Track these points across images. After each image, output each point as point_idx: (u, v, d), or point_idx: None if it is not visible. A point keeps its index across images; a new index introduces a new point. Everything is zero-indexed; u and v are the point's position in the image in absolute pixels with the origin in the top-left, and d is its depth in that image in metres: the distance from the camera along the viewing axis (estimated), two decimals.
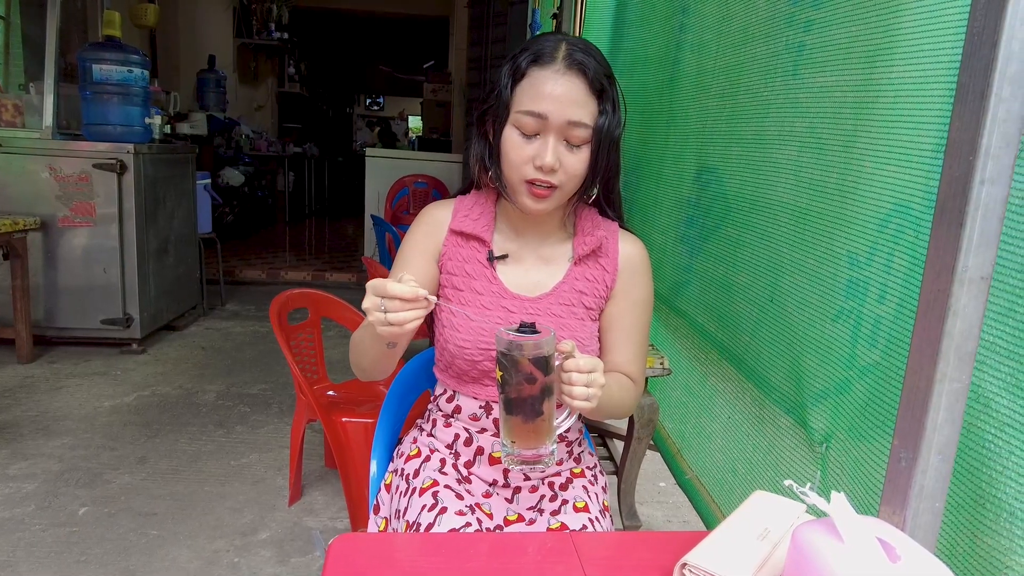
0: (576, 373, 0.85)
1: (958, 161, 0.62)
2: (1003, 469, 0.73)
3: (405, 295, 0.80)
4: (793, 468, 1.18)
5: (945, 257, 0.63)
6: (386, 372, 1.04)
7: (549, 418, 0.84)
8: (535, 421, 0.83)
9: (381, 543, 0.84)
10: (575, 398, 0.85)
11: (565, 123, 0.94)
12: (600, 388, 0.86)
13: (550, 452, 0.86)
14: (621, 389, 1.03)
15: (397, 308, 0.81)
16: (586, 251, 1.07)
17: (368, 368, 1.02)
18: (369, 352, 0.98)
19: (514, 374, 0.81)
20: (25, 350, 3.12)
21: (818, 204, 1.10)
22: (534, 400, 0.82)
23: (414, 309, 0.81)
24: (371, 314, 0.82)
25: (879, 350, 0.94)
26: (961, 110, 0.62)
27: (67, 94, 3.41)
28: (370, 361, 1.00)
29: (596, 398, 0.86)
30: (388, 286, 0.80)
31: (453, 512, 1.00)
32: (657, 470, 2.35)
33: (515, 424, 0.84)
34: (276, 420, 2.69)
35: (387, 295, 0.80)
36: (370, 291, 0.82)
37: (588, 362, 0.85)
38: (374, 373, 1.03)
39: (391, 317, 0.81)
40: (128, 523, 1.92)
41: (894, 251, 0.91)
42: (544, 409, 0.83)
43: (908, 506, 0.66)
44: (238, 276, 5.16)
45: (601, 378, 0.86)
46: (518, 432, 0.84)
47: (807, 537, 0.63)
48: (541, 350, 0.81)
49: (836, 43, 1.08)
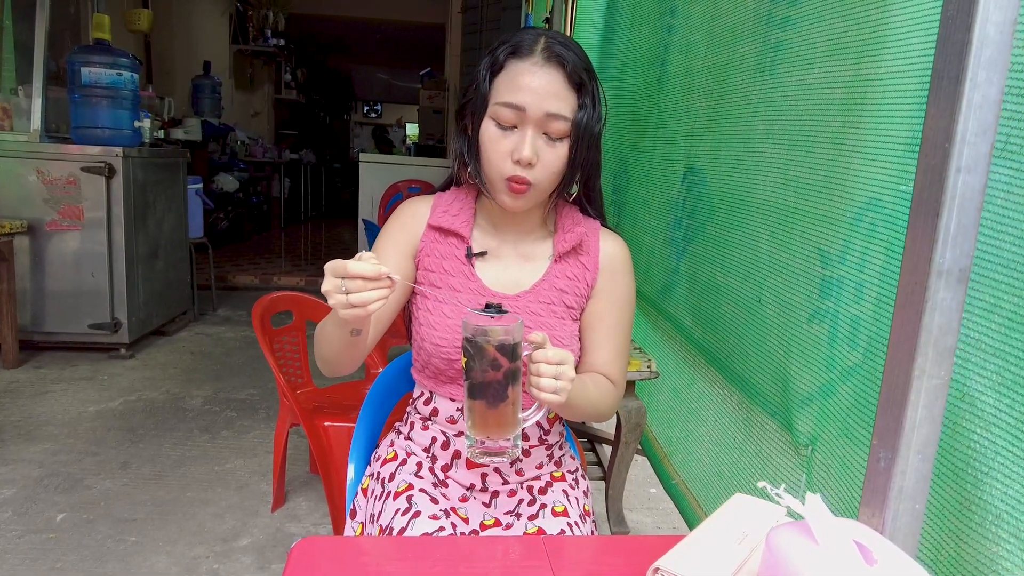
0: (544, 364, 0.82)
1: (934, 149, 0.60)
2: (989, 470, 0.70)
3: (366, 273, 0.76)
4: (779, 472, 1.16)
5: (922, 249, 0.61)
6: (352, 364, 0.98)
7: (514, 407, 0.82)
8: (498, 408, 0.80)
9: (346, 547, 0.81)
10: (542, 390, 0.82)
11: (543, 115, 0.92)
12: (570, 382, 0.83)
13: (513, 444, 0.83)
14: (598, 389, 1.00)
15: (359, 288, 0.77)
16: (566, 248, 1.05)
17: (333, 359, 0.96)
18: (333, 342, 0.92)
19: (479, 360, 0.79)
20: (11, 355, 3.08)
21: (802, 203, 1.08)
22: (498, 386, 0.79)
23: (377, 289, 0.77)
24: (332, 297, 0.78)
25: (860, 351, 0.91)
26: (936, 97, 0.60)
27: (57, 97, 3.39)
28: (335, 352, 0.94)
29: (565, 392, 0.83)
30: (348, 265, 0.76)
31: (427, 516, 0.98)
32: (647, 476, 2.32)
33: (478, 410, 0.81)
34: (263, 425, 2.66)
35: (347, 275, 0.77)
36: (329, 273, 0.78)
37: (557, 354, 0.83)
38: (339, 365, 0.98)
39: (353, 299, 0.77)
40: (106, 529, 1.88)
41: (868, 248, 0.89)
42: (508, 395, 0.80)
43: (887, 508, 0.64)
44: (231, 281, 5.13)
45: (571, 371, 0.83)
46: (480, 419, 0.81)
47: (781, 540, 0.61)
48: (507, 337, 0.78)
49: (822, 40, 1.07)
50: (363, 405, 1.28)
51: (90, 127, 3.24)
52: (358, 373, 3.44)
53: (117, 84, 3.23)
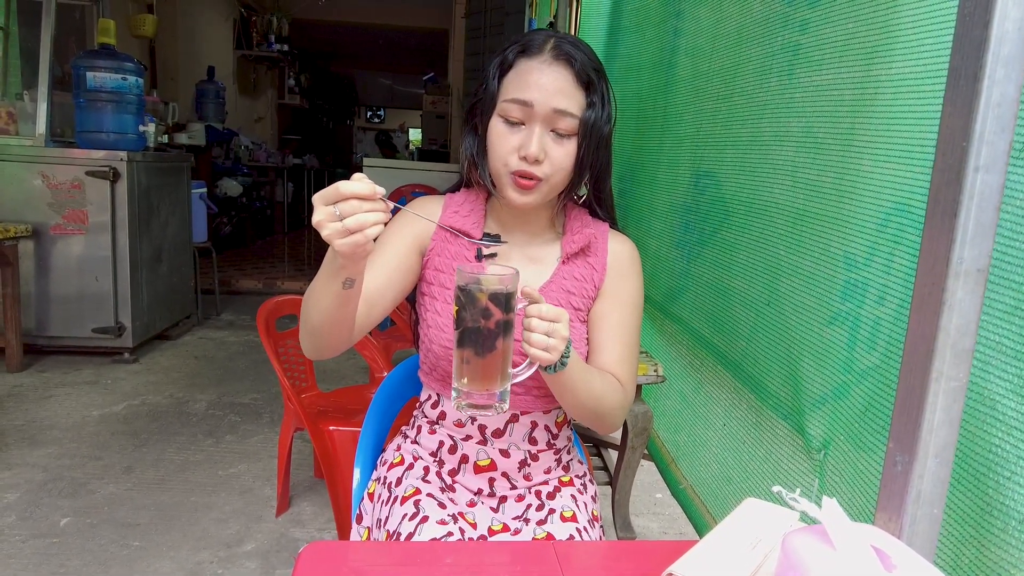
0: (537, 319, 0.81)
1: (951, 148, 0.59)
2: (1011, 475, 0.69)
3: (361, 192, 0.70)
4: (790, 476, 1.15)
5: (939, 249, 0.60)
6: (341, 336, 0.90)
7: (503, 359, 0.80)
8: (486, 357, 0.78)
9: (354, 552, 0.80)
10: (533, 345, 0.81)
11: (551, 111, 0.92)
12: (562, 341, 0.82)
13: (500, 398, 0.81)
14: (604, 383, 0.97)
15: (354, 209, 0.70)
16: (574, 249, 1.04)
17: (321, 328, 0.87)
18: (322, 301, 0.83)
19: (470, 308, 0.77)
20: (15, 359, 3.08)
21: (816, 205, 1.07)
22: (487, 335, 0.77)
23: (374, 210, 0.71)
24: (325, 227, 0.71)
25: (878, 353, 0.90)
26: (953, 95, 0.59)
27: (62, 102, 3.40)
28: (324, 316, 0.85)
29: (557, 351, 0.82)
30: (340, 187, 0.70)
31: (435, 521, 0.97)
32: (654, 481, 2.31)
33: (466, 358, 0.79)
34: (267, 430, 2.65)
35: (341, 197, 0.70)
36: (319, 202, 0.71)
37: (551, 310, 0.81)
38: (327, 339, 0.89)
39: (349, 222, 0.70)
40: (110, 534, 1.87)
41: (894, 251, 0.88)
42: (497, 346, 0.78)
43: (905, 512, 0.63)
44: (234, 286, 5.14)
45: (564, 331, 0.82)
46: (468, 369, 0.79)
47: (797, 545, 0.60)
48: (500, 286, 0.77)
49: (833, 41, 1.06)
50: (369, 409, 1.27)
51: (95, 131, 3.25)
52: (362, 377, 3.42)
53: (122, 88, 3.23)
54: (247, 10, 7.54)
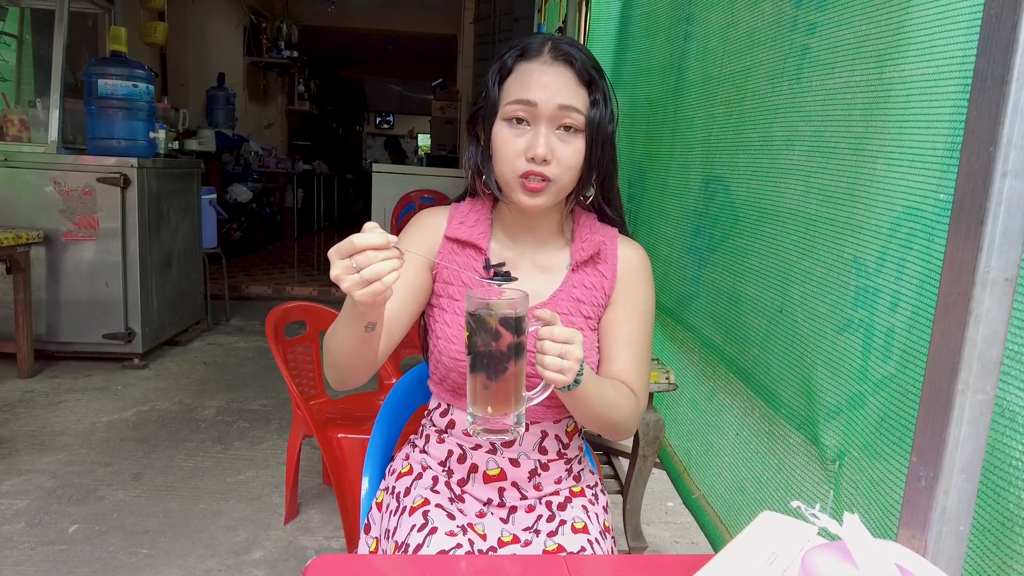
0: (549, 341, 0.80)
1: (976, 153, 0.57)
2: None
3: (376, 243, 0.71)
4: (804, 487, 1.13)
5: (964, 257, 0.58)
6: (364, 371, 0.92)
7: (516, 382, 0.79)
8: (499, 382, 0.77)
9: (361, 565, 0.79)
10: (547, 368, 0.80)
11: (556, 108, 0.91)
12: (577, 362, 0.81)
13: (516, 422, 0.80)
14: (618, 393, 0.96)
15: (370, 260, 0.71)
16: (584, 256, 1.03)
17: (345, 365, 0.90)
18: (346, 342, 0.86)
19: (480, 333, 0.76)
20: (26, 365, 3.10)
21: (828, 210, 1.06)
22: (499, 359, 0.77)
23: (389, 259, 0.72)
24: (344, 280, 0.72)
25: (893, 362, 0.88)
26: (979, 98, 0.57)
27: (74, 109, 3.42)
28: (347, 355, 0.88)
29: (571, 372, 0.80)
30: (354, 239, 0.71)
31: (443, 533, 0.95)
32: (665, 489, 2.28)
33: (479, 384, 0.79)
34: (276, 436, 2.64)
35: (356, 249, 0.71)
36: (335, 256, 0.72)
37: (564, 332, 0.80)
38: (352, 372, 0.92)
39: (367, 273, 0.71)
40: (118, 541, 1.87)
41: (905, 257, 0.86)
42: (510, 369, 0.77)
43: (929, 529, 0.61)
44: (244, 291, 5.15)
45: (578, 351, 0.81)
46: (481, 394, 0.79)
47: (817, 562, 0.58)
48: (510, 310, 0.76)
49: (844, 44, 1.05)
50: (378, 417, 1.26)
51: (106, 138, 3.27)
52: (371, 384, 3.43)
53: (132, 95, 3.25)
54: (257, 17, 7.59)
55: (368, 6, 8.22)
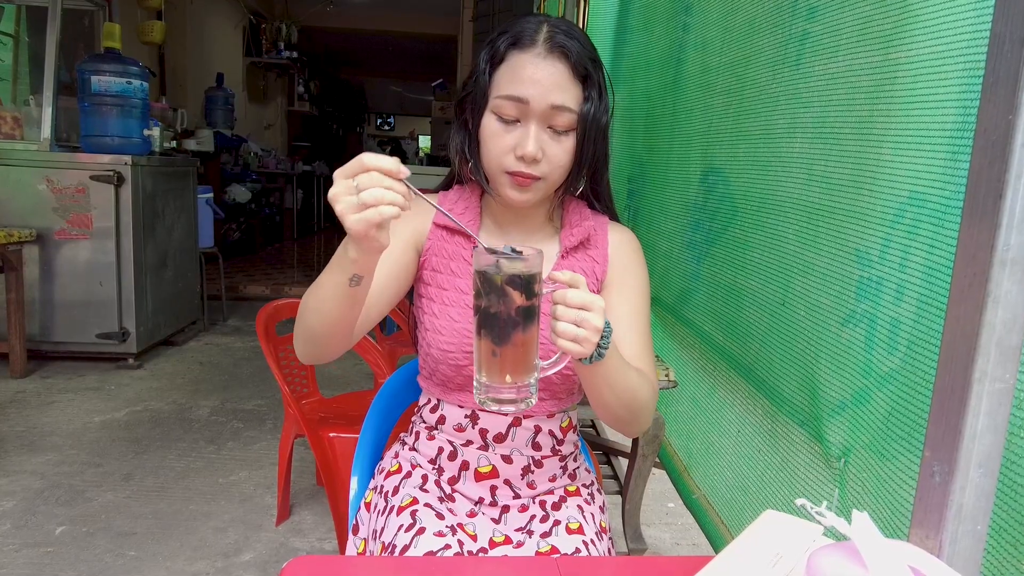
0: (562, 307, 0.72)
1: (994, 123, 0.53)
2: None
3: (385, 167, 0.65)
4: (808, 486, 1.09)
5: (981, 235, 0.54)
6: (338, 342, 0.85)
7: (525, 349, 0.72)
8: (506, 347, 0.71)
9: (340, 566, 0.75)
10: (559, 335, 0.72)
11: (548, 108, 0.87)
12: (595, 332, 0.72)
13: (527, 393, 0.73)
14: (640, 378, 0.89)
15: (374, 182, 0.65)
16: (574, 242, 0.99)
17: (318, 328, 0.82)
18: (326, 298, 0.78)
19: (488, 293, 0.70)
20: (18, 364, 3.06)
21: (831, 199, 1.02)
22: (507, 322, 0.70)
23: (393, 189, 0.66)
24: (339, 201, 0.66)
25: (899, 355, 0.84)
26: (996, 64, 0.53)
27: (68, 107, 3.39)
28: (324, 315, 0.80)
29: (589, 343, 0.72)
30: (363, 158, 0.66)
31: (432, 533, 0.91)
32: (665, 490, 2.24)
33: (485, 349, 0.72)
34: (270, 436, 2.60)
35: (362, 169, 0.66)
36: (339, 175, 0.67)
37: (580, 297, 0.72)
38: (324, 341, 0.84)
39: (366, 196, 0.65)
40: (106, 543, 1.83)
41: (911, 245, 0.82)
42: (519, 334, 0.70)
43: (944, 529, 0.57)
44: (242, 292, 5.11)
45: (597, 320, 0.72)
46: (489, 361, 0.72)
47: (824, 563, 0.54)
48: (520, 266, 0.69)
49: (847, 27, 1.01)
50: (367, 415, 1.22)
51: (100, 135, 3.23)
52: (366, 383, 3.37)
53: (127, 92, 3.22)
54: (256, 17, 7.57)
55: (367, 7, 8.20)
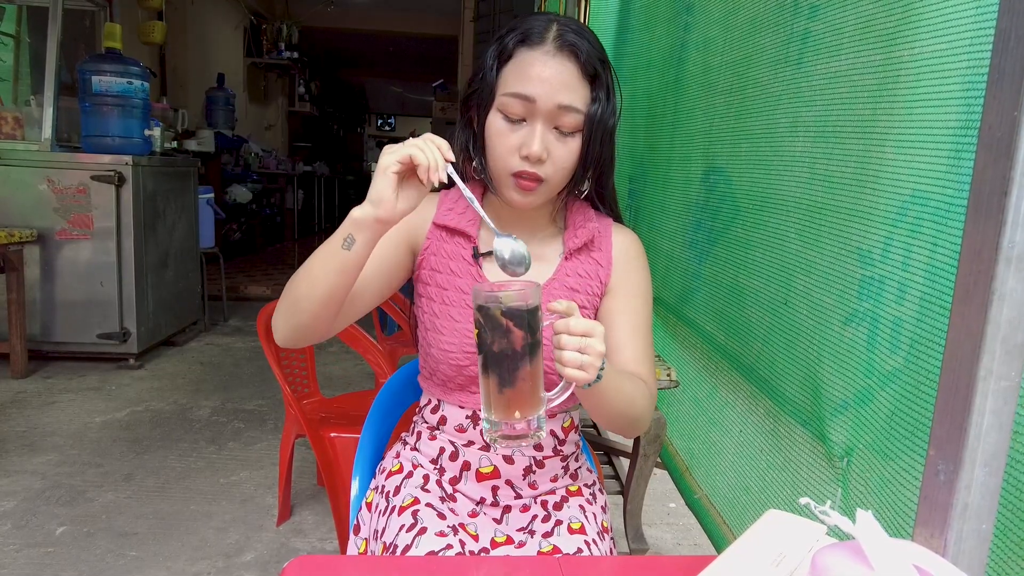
0: (566, 336, 0.73)
1: (999, 119, 0.53)
2: None
3: (439, 142, 0.79)
4: (811, 485, 1.08)
5: (986, 232, 0.54)
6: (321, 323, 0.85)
7: (532, 383, 0.72)
8: (514, 385, 0.71)
9: (342, 566, 0.74)
10: (566, 364, 0.73)
11: (555, 107, 0.86)
12: (598, 357, 0.74)
13: (536, 427, 0.74)
14: (635, 387, 0.90)
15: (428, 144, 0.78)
16: (578, 244, 0.99)
17: (304, 298, 0.83)
18: (316, 267, 0.82)
19: (490, 331, 0.70)
20: (19, 365, 3.06)
21: (833, 198, 1.01)
22: (513, 360, 0.70)
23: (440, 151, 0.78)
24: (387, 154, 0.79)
25: (901, 354, 0.84)
26: (1001, 61, 0.53)
27: (69, 107, 3.39)
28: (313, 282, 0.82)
29: (593, 368, 0.74)
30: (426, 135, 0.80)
31: (433, 533, 0.91)
32: (667, 490, 2.24)
33: (492, 389, 0.72)
34: (271, 437, 2.60)
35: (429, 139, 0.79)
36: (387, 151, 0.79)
37: (582, 324, 0.73)
38: (309, 316, 0.84)
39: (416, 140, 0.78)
40: (106, 544, 1.83)
41: (912, 243, 0.81)
42: (526, 371, 0.71)
43: (949, 528, 0.56)
44: (243, 292, 5.11)
45: (599, 345, 0.74)
46: (496, 399, 0.72)
47: (829, 563, 0.54)
48: (520, 303, 0.69)
49: (849, 25, 1.01)
50: (368, 415, 1.22)
51: (100, 136, 3.23)
52: (367, 383, 3.37)
53: (127, 92, 3.22)
54: (257, 18, 7.57)
55: (368, 7, 8.20)
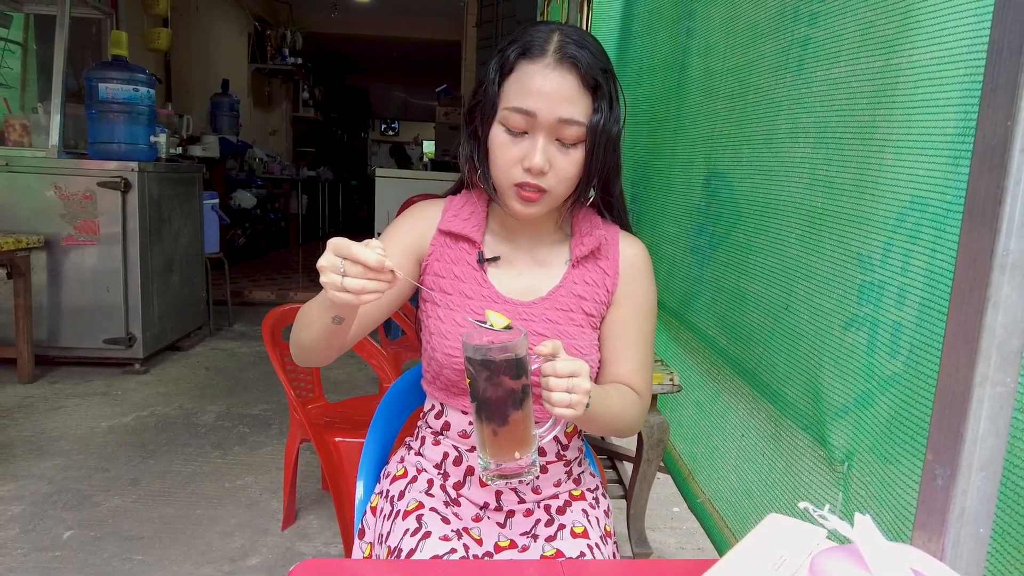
0: (554, 378, 0.77)
1: (993, 128, 0.54)
2: None
3: (369, 262, 0.72)
4: (812, 489, 1.09)
5: (981, 240, 0.54)
6: (326, 356, 0.93)
7: (524, 424, 0.76)
8: (508, 428, 0.75)
9: (348, 570, 0.75)
10: (555, 405, 0.77)
11: (555, 121, 0.87)
12: (585, 394, 0.78)
13: (530, 463, 0.78)
14: (623, 400, 0.94)
15: (357, 274, 0.73)
16: (584, 252, 1.00)
17: (308, 346, 0.90)
18: (313, 326, 0.87)
19: (482, 380, 0.74)
20: (26, 370, 3.08)
21: (833, 204, 1.02)
22: (505, 405, 0.74)
23: (376, 280, 0.73)
24: (326, 274, 0.73)
25: (901, 359, 0.85)
26: (994, 71, 0.54)
27: (75, 114, 3.42)
28: (312, 337, 0.88)
29: (581, 405, 0.77)
30: (352, 248, 0.72)
31: (437, 537, 0.92)
32: (670, 494, 2.24)
33: (487, 433, 0.76)
34: (276, 441, 2.61)
35: (349, 257, 0.73)
36: (331, 249, 0.74)
37: (567, 365, 0.77)
38: (314, 353, 0.92)
39: (348, 283, 0.72)
40: (113, 548, 1.84)
41: (912, 249, 0.82)
42: (518, 414, 0.75)
43: (947, 532, 0.57)
44: (247, 297, 5.13)
45: (585, 383, 0.78)
46: (491, 442, 0.76)
47: (828, 566, 0.54)
48: (510, 354, 0.73)
49: (848, 32, 1.01)
50: (373, 419, 1.23)
51: (107, 142, 3.26)
52: (371, 387, 3.38)
53: (133, 99, 3.24)
54: (261, 24, 7.61)
55: (371, 13, 8.24)
